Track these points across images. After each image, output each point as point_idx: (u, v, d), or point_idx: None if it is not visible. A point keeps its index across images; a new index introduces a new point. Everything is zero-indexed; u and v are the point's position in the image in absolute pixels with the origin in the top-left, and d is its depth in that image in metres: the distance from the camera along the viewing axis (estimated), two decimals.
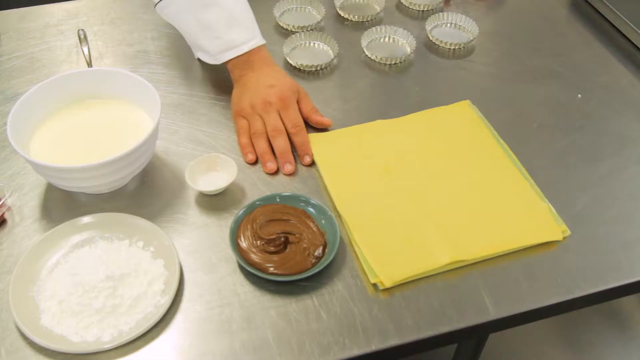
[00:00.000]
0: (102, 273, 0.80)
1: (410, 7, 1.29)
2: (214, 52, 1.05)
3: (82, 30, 1.21)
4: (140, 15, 1.27)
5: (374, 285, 0.83)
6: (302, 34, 1.19)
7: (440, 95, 1.10)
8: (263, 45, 1.07)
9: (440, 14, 1.25)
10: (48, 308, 0.79)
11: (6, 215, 0.91)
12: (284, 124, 1.00)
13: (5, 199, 0.90)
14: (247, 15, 1.07)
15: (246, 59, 1.05)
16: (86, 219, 0.88)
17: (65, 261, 0.84)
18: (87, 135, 0.95)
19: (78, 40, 1.20)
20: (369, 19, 1.26)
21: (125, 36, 1.22)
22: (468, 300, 0.83)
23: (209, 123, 1.04)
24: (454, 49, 1.20)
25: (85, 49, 1.18)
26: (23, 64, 1.16)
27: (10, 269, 0.84)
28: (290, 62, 1.15)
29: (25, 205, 0.93)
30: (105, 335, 0.77)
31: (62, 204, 0.93)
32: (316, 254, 0.84)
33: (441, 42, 1.19)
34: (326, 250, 0.85)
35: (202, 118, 1.05)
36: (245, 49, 1.04)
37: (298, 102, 1.04)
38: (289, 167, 0.96)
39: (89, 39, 1.21)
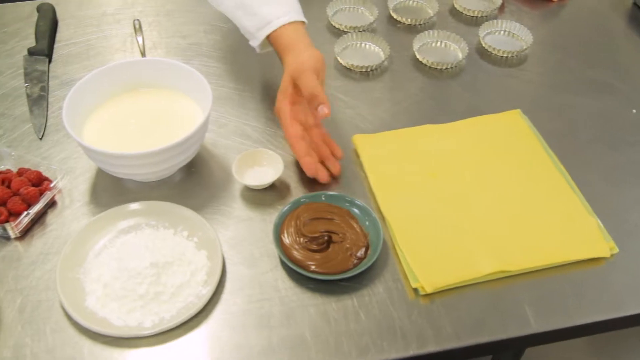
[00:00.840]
0: (147, 260, 0.81)
1: (464, 12, 1.28)
2: (253, 29, 1.01)
3: (138, 20, 1.23)
4: (195, 8, 1.28)
5: (415, 290, 0.83)
6: (354, 34, 1.19)
7: (490, 103, 1.09)
8: (301, 22, 1.01)
9: (494, 20, 1.23)
10: (93, 291, 0.81)
11: (56, 198, 0.93)
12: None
13: (57, 182, 0.92)
14: None
15: (279, 35, 0.99)
16: (134, 206, 0.89)
17: (112, 246, 0.85)
18: (138, 123, 0.97)
19: (133, 30, 1.22)
20: (421, 23, 1.25)
21: (179, 28, 1.24)
22: (510, 311, 0.82)
23: (257, 118, 1.05)
24: (506, 56, 1.18)
25: (140, 39, 1.19)
26: (79, 51, 1.19)
27: (59, 250, 0.86)
28: (341, 61, 1.15)
29: (75, 188, 0.95)
30: (146, 321, 0.78)
31: (111, 189, 0.95)
32: (358, 254, 0.84)
33: (494, 49, 1.18)
34: (368, 251, 0.85)
35: (251, 113, 1.06)
36: (279, 23, 0.99)
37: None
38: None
39: (143, 29, 1.22)
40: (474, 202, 0.92)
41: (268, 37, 1.00)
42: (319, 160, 0.95)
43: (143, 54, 1.17)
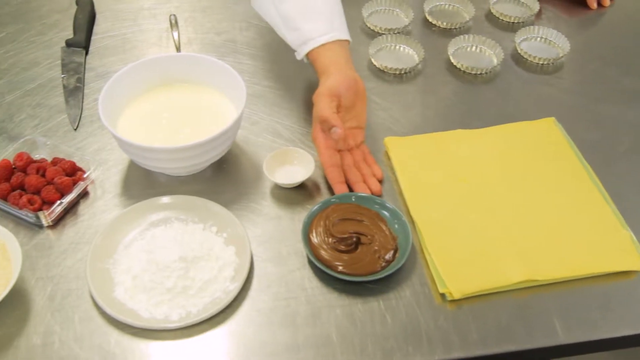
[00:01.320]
0: (176, 254, 0.81)
1: (500, 18, 1.27)
2: (294, 46, 1.02)
3: (174, 15, 1.24)
4: (230, 5, 1.29)
5: (442, 295, 0.82)
6: (389, 36, 1.19)
7: (524, 110, 1.08)
8: (343, 40, 1.00)
9: (531, 27, 1.22)
10: (122, 282, 0.81)
11: (89, 188, 0.94)
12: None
13: (90, 172, 0.93)
14: (328, 7, 1.00)
15: (320, 54, 0.98)
16: (165, 199, 0.90)
17: (142, 238, 0.86)
18: (171, 118, 0.97)
19: (169, 25, 1.23)
20: (457, 27, 1.24)
21: (214, 24, 1.25)
22: (537, 321, 0.81)
23: (289, 117, 1.05)
24: (542, 64, 1.17)
25: (176, 34, 1.20)
26: (115, 44, 1.20)
27: (90, 240, 0.87)
28: (375, 63, 1.15)
29: (108, 180, 0.96)
30: (173, 315, 0.79)
31: (142, 182, 0.96)
32: (387, 257, 0.84)
33: (530, 55, 1.17)
34: (397, 254, 0.85)
35: (284, 111, 1.06)
36: (320, 41, 0.97)
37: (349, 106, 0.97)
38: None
39: (179, 24, 1.23)
40: (505, 209, 0.91)
41: (308, 54, 1.00)
42: (361, 179, 0.94)
43: (178, 49, 1.18)
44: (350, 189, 0.92)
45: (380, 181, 0.95)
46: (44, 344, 0.77)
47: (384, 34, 1.21)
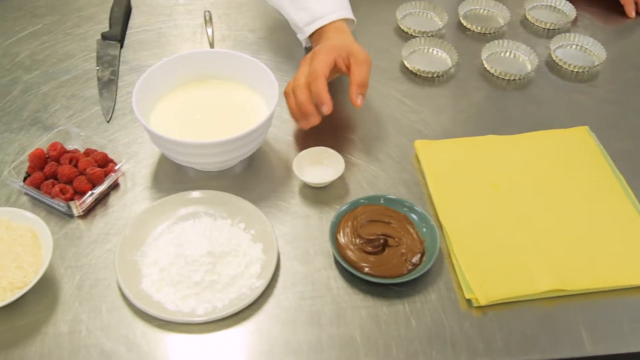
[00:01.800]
0: (204, 248, 0.82)
1: (536, 24, 1.26)
2: (301, 24, 1.04)
3: (209, 11, 1.25)
4: (264, 3, 1.28)
5: (468, 300, 0.82)
6: (422, 39, 1.19)
7: (557, 118, 1.07)
8: (349, 19, 1.03)
9: (567, 34, 1.21)
10: (149, 274, 0.82)
11: (119, 180, 0.95)
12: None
13: (122, 165, 0.94)
14: None
15: (324, 31, 1.01)
16: (195, 194, 0.90)
17: (170, 231, 0.87)
18: (204, 114, 0.98)
19: (204, 21, 1.24)
20: (491, 32, 1.23)
21: (248, 22, 1.25)
22: (564, 332, 0.80)
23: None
24: (577, 71, 1.16)
25: (210, 30, 1.21)
26: (150, 38, 1.21)
27: (119, 231, 0.88)
28: (407, 65, 1.14)
29: (138, 172, 0.97)
30: (199, 309, 0.79)
31: (172, 176, 0.97)
32: (413, 260, 0.83)
33: (564, 63, 1.16)
34: (424, 258, 0.84)
35: None
36: (329, 19, 1.01)
37: (349, 66, 0.96)
38: (303, 124, 0.95)
39: (213, 21, 1.24)
40: (535, 217, 0.90)
41: (313, 33, 1.03)
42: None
43: (212, 46, 1.18)
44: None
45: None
46: (71, 331, 0.78)
47: (417, 36, 1.20)
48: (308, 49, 1.09)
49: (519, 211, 0.91)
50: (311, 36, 1.05)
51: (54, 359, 0.76)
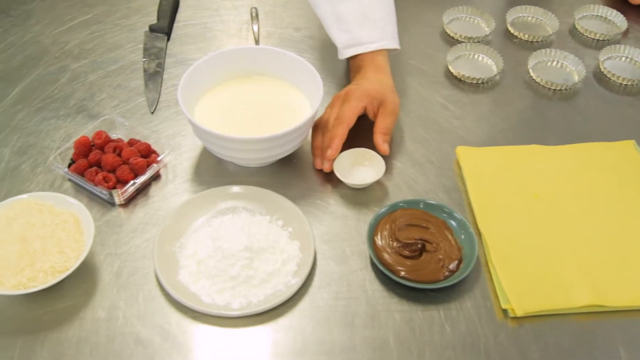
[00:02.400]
0: (242, 243, 0.82)
1: (585, 34, 1.24)
2: (341, 46, 1.04)
3: (255, 8, 1.26)
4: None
5: (504, 311, 0.81)
6: (468, 44, 1.18)
7: (603, 131, 1.05)
8: (391, 49, 1.03)
9: (617, 45, 1.19)
10: (187, 266, 0.83)
11: (161, 171, 0.96)
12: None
13: (164, 156, 0.95)
14: (384, 14, 1.03)
15: (363, 63, 1.01)
16: (235, 189, 0.91)
17: (209, 225, 0.87)
18: (247, 110, 0.99)
19: (250, 18, 1.25)
20: (539, 40, 1.22)
21: (294, 20, 1.26)
22: (601, 348, 0.78)
23: (363, 117, 1.04)
24: (625, 84, 1.14)
25: (255, 27, 1.22)
26: (196, 33, 1.22)
27: (158, 221, 0.89)
28: (452, 71, 1.14)
29: (180, 165, 0.98)
30: (235, 303, 0.79)
31: (212, 169, 0.97)
32: (451, 267, 0.83)
33: (613, 75, 1.14)
34: (461, 265, 0.84)
35: None
36: (369, 48, 1.01)
37: (377, 114, 0.98)
38: (317, 163, 0.95)
39: (259, 17, 1.25)
40: (576, 229, 0.89)
41: (352, 56, 1.03)
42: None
43: (257, 42, 1.19)
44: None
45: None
46: (108, 318, 0.79)
47: (463, 42, 1.19)
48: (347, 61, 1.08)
49: (560, 223, 0.90)
50: (350, 58, 1.05)
51: (91, 344, 0.77)
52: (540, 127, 1.06)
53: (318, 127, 0.98)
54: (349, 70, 1.08)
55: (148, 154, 0.95)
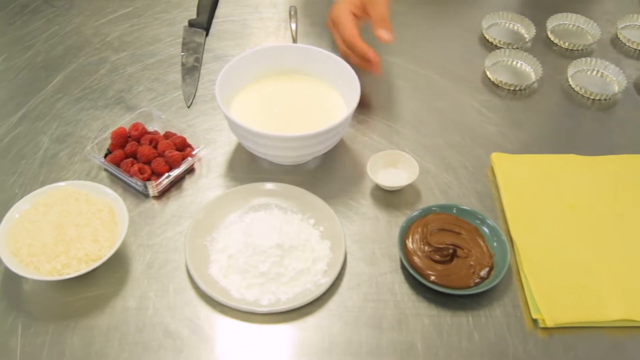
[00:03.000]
0: (273, 240, 0.82)
1: (627, 44, 1.22)
2: None
3: (294, 6, 1.26)
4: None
5: (534, 320, 0.80)
6: (507, 50, 1.17)
7: None
8: None
9: None
10: (217, 260, 0.83)
11: (195, 165, 0.97)
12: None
13: (199, 150, 0.95)
14: None
15: None
16: (269, 186, 0.91)
17: (241, 220, 0.88)
18: (283, 107, 0.99)
19: (288, 15, 1.25)
20: (579, 48, 1.20)
21: None
22: None
23: (399, 119, 1.05)
24: None
25: (294, 25, 1.22)
26: (235, 29, 1.23)
27: (191, 215, 0.90)
28: (490, 76, 1.13)
29: (214, 159, 0.98)
30: (263, 299, 0.80)
31: (246, 166, 0.98)
32: (482, 274, 0.82)
33: None
34: (492, 272, 0.83)
35: (393, 114, 1.06)
36: None
37: (367, 10, 1.03)
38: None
39: (298, 16, 1.25)
40: (611, 242, 0.87)
41: None
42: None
43: (295, 40, 1.19)
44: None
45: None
46: (138, 307, 0.80)
47: (502, 47, 1.18)
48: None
49: (595, 235, 0.88)
50: None
51: (120, 333, 0.78)
52: (577, 137, 1.04)
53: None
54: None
55: (183, 147, 0.96)
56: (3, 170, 0.95)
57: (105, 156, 0.95)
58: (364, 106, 1.06)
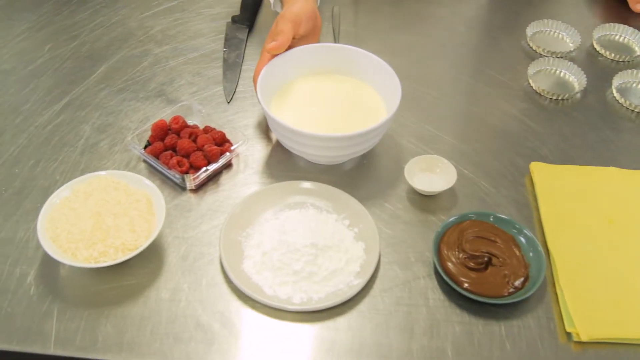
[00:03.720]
0: (308, 239, 0.82)
1: None
2: None
3: (337, 7, 1.26)
4: (394, 2, 1.29)
5: (568, 334, 0.79)
6: (551, 59, 1.15)
7: None
8: None
9: None
10: (251, 256, 0.84)
11: (233, 161, 0.97)
12: None
13: (237, 146, 0.96)
14: None
15: None
16: (305, 184, 0.91)
17: (276, 217, 0.88)
18: (322, 107, 0.99)
19: (331, 16, 1.25)
20: (625, 60, 1.18)
21: (374, 20, 1.25)
22: None
23: (439, 124, 1.04)
24: None
25: (336, 25, 1.22)
26: None
27: (226, 209, 0.90)
28: (532, 84, 1.11)
29: (252, 155, 0.99)
30: (295, 297, 0.80)
31: (283, 163, 0.98)
32: (516, 284, 0.81)
33: None
34: (527, 283, 0.82)
35: (433, 118, 1.05)
36: None
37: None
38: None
39: (341, 16, 1.25)
40: None
41: None
42: None
43: (336, 41, 1.19)
44: None
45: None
46: (171, 299, 0.81)
47: (546, 56, 1.17)
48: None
49: (633, 250, 0.87)
50: None
51: (153, 323, 0.79)
52: (619, 150, 1.03)
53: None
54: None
55: (222, 142, 0.97)
56: (45, 157, 0.97)
57: (145, 147, 0.96)
58: (402, 109, 1.05)
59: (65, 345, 0.77)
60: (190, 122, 1.00)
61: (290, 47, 1.01)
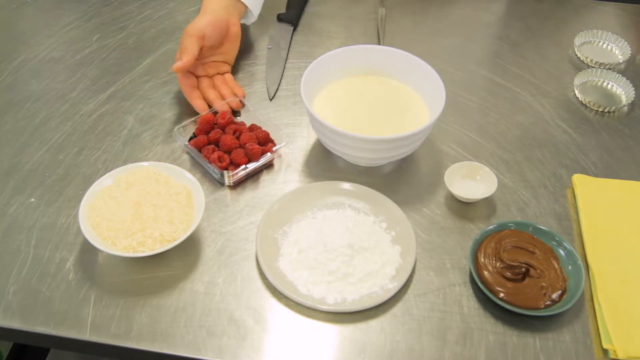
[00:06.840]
0: (345, 239, 0.82)
1: None
2: None
3: (383, 8, 1.26)
4: (438, 5, 1.28)
5: (604, 350, 0.78)
6: (598, 70, 1.13)
7: None
8: None
9: None
10: (287, 253, 0.84)
11: (274, 161, 0.98)
12: None
13: (280, 147, 0.96)
14: None
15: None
16: (345, 185, 0.91)
17: (314, 217, 0.88)
18: (365, 108, 0.99)
19: (377, 17, 1.25)
20: None
21: (419, 26, 1.24)
22: None
23: (480, 131, 1.03)
24: None
25: (382, 27, 1.22)
26: (322, 26, 1.24)
27: (264, 207, 0.91)
28: (578, 95, 1.10)
29: (291, 154, 0.99)
30: (329, 297, 0.80)
31: (322, 163, 0.98)
32: (553, 296, 0.80)
33: None
34: (564, 296, 0.81)
35: (475, 125, 1.04)
36: None
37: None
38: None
39: (387, 19, 1.24)
40: None
41: None
42: (219, 97, 1.04)
43: (380, 42, 1.19)
44: (209, 106, 1.03)
45: (241, 99, 1.04)
46: (205, 292, 0.82)
47: (593, 67, 1.15)
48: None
49: None
50: None
51: (187, 315, 0.79)
52: None
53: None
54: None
55: (265, 142, 0.97)
56: (89, 145, 0.99)
57: (190, 140, 0.97)
58: (444, 114, 1.04)
59: (101, 331, 0.78)
60: (236, 119, 1.01)
61: (204, 57, 1.06)
